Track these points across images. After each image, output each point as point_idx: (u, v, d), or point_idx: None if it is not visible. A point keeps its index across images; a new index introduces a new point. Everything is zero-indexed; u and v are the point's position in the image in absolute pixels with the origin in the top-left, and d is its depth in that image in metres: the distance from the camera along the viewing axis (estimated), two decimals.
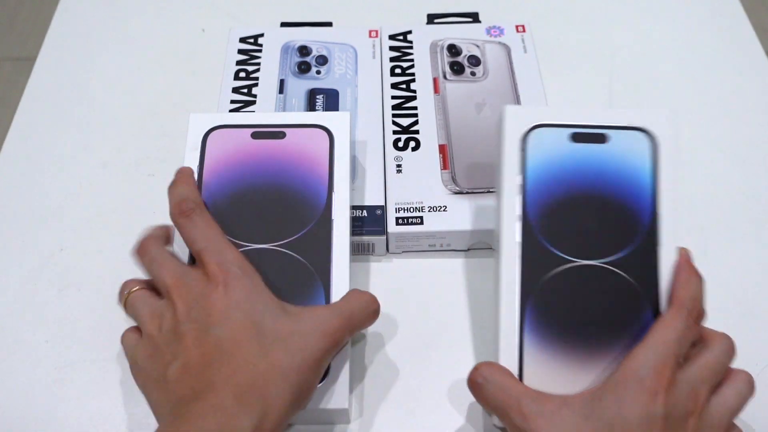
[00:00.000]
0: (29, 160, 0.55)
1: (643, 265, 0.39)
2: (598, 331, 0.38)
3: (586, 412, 0.35)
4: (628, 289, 0.39)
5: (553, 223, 0.40)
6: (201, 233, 0.39)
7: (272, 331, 0.36)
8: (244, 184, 0.44)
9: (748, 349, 0.45)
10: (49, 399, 0.43)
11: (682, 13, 0.66)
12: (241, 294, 0.37)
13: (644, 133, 0.41)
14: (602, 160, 0.40)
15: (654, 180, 0.40)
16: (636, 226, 0.39)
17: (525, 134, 0.41)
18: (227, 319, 0.36)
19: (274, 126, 0.46)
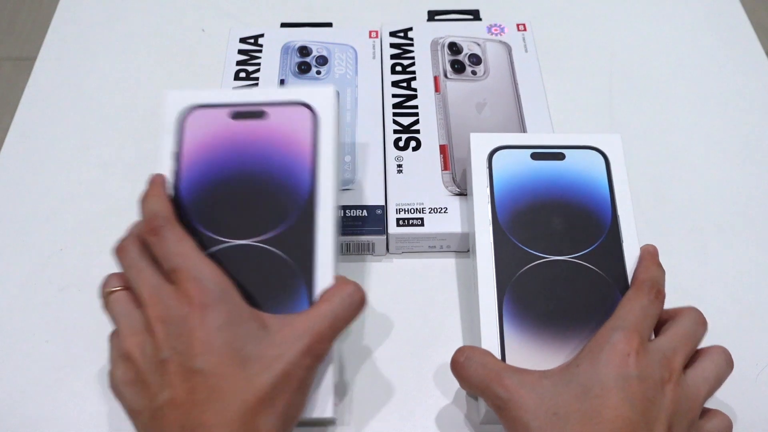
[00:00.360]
0: (29, 160, 0.55)
1: (609, 258, 0.43)
2: (572, 317, 0.41)
3: (565, 379, 0.36)
4: (597, 279, 0.42)
5: (522, 225, 0.44)
6: (173, 249, 0.37)
7: (257, 359, 0.35)
8: (223, 171, 0.41)
9: (748, 349, 0.45)
10: (49, 399, 0.43)
11: (682, 13, 0.66)
12: (221, 318, 0.35)
13: (596, 150, 0.47)
14: (562, 174, 0.46)
15: (610, 188, 0.46)
16: (599, 227, 0.44)
17: (490, 154, 0.46)
18: (210, 351, 0.34)
19: (255, 104, 0.43)
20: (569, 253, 0.43)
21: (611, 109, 0.58)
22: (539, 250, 0.43)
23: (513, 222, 0.44)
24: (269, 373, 0.34)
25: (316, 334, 0.36)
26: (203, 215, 0.41)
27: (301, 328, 0.36)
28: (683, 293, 0.48)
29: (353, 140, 0.53)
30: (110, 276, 0.40)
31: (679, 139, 0.57)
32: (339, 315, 0.37)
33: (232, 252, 0.40)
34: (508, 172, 0.46)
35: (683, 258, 0.50)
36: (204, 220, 0.40)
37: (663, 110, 0.58)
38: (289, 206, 0.41)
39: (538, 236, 0.44)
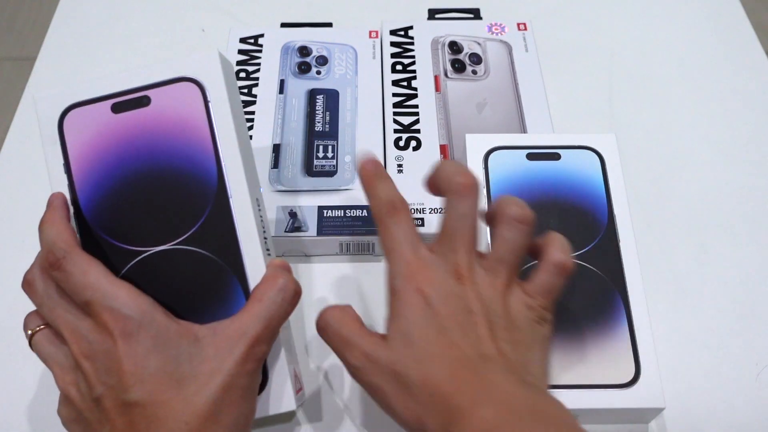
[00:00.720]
0: (29, 160, 0.55)
1: (606, 257, 0.44)
2: (569, 315, 0.42)
3: (397, 336, 0.34)
4: (594, 278, 0.43)
5: None
6: (80, 282, 0.34)
7: (192, 376, 0.33)
8: (120, 174, 0.37)
9: (748, 349, 0.45)
10: (49, 399, 0.43)
11: (682, 13, 0.66)
12: (147, 343, 0.33)
13: (592, 150, 0.47)
14: (558, 174, 0.47)
15: (606, 187, 0.46)
16: (595, 226, 0.45)
17: (486, 155, 0.47)
18: (141, 381, 0.33)
19: (136, 90, 0.38)
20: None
21: (611, 109, 0.58)
22: None
23: None
24: (208, 389, 0.33)
25: (252, 339, 0.34)
26: (112, 227, 0.37)
27: (235, 335, 0.34)
28: (683, 293, 0.48)
29: (353, 140, 0.53)
30: (28, 316, 0.38)
31: (679, 139, 0.57)
32: (273, 314, 0.35)
33: (152, 260, 0.37)
34: (504, 172, 0.47)
35: (683, 258, 0.50)
36: (114, 232, 0.37)
37: (663, 110, 0.58)
38: (199, 199, 0.37)
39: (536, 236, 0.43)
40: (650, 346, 0.41)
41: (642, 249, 0.50)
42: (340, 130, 0.53)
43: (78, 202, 0.37)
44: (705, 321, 0.47)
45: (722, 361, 0.45)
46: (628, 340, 0.41)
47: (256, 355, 0.35)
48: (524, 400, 0.32)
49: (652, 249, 0.50)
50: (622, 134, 0.56)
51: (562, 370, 0.41)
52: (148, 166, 0.37)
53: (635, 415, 0.41)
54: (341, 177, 0.50)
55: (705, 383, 0.44)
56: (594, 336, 0.41)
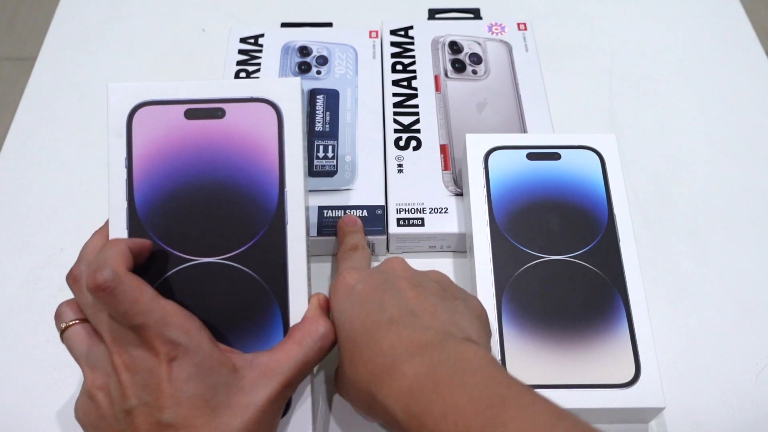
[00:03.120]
0: (29, 160, 0.55)
1: (606, 256, 0.44)
2: (570, 315, 0.42)
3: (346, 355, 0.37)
4: (595, 277, 0.43)
5: (519, 226, 0.44)
6: (130, 309, 0.33)
7: (227, 408, 0.34)
8: (182, 179, 0.37)
9: (748, 349, 0.45)
10: (49, 399, 0.43)
11: (682, 13, 0.66)
12: (189, 370, 0.33)
13: (592, 150, 0.47)
14: (557, 174, 0.46)
15: (606, 187, 0.46)
16: (595, 225, 0.45)
17: (486, 155, 0.47)
18: (178, 403, 0.33)
19: (212, 101, 0.38)
20: (566, 252, 0.44)
21: (611, 109, 0.58)
22: (536, 249, 0.44)
23: (510, 222, 0.45)
24: (240, 420, 0.33)
25: (285, 380, 0.35)
26: (163, 230, 0.37)
27: (270, 373, 0.35)
28: (683, 293, 0.48)
29: (353, 140, 0.53)
30: (63, 306, 0.37)
31: (679, 139, 0.57)
32: (309, 359, 0.36)
33: (197, 270, 0.37)
34: (504, 172, 0.46)
35: (683, 258, 0.50)
36: (164, 235, 0.37)
37: (663, 110, 0.58)
38: (256, 219, 0.37)
39: (536, 236, 0.44)
40: (650, 345, 0.41)
41: (642, 249, 0.50)
42: (340, 130, 0.53)
43: (133, 199, 0.37)
44: (705, 321, 0.47)
45: (722, 361, 0.45)
46: (628, 339, 0.41)
47: (286, 395, 0.36)
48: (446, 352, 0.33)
49: (652, 249, 0.50)
50: (622, 134, 0.56)
51: (563, 369, 0.41)
52: (211, 176, 0.37)
53: (635, 414, 0.41)
54: (341, 177, 0.50)
55: (705, 383, 0.44)
56: (594, 336, 0.41)
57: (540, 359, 0.41)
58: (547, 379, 0.41)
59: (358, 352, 0.35)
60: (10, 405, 0.43)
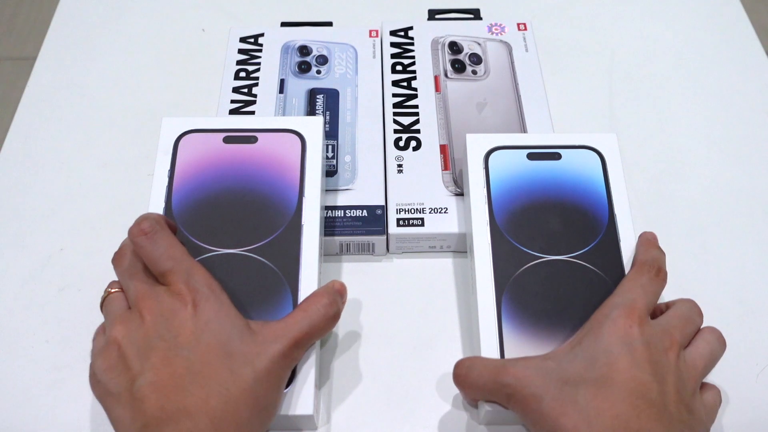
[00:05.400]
0: (29, 160, 0.55)
1: (606, 256, 0.43)
2: (570, 316, 0.41)
3: (569, 356, 0.37)
4: (595, 278, 0.43)
5: (519, 226, 0.44)
6: (164, 253, 0.38)
7: (240, 354, 0.36)
8: (215, 188, 0.45)
9: (748, 349, 0.45)
10: (49, 399, 0.43)
11: (682, 12, 0.66)
12: (210, 315, 0.37)
13: (592, 150, 0.47)
14: (558, 174, 0.46)
15: (607, 186, 0.46)
16: (596, 225, 0.45)
17: (486, 155, 0.47)
18: (197, 342, 0.36)
19: (247, 130, 0.47)
20: (567, 252, 0.43)
21: (611, 109, 0.58)
22: (537, 250, 0.44)
23: (510, 222, 0.44)
24: (252, 367, 0.36)
25: (293, 339, 0.37)
26: (193, 225, 0.43)
27: (280, 332, 0.38)
28: (683, 293, 0.48)
29: (353, 140, 0.53)
30: (111, 282, 0.41)
31: (679, 139, 0.57)
32: (314, 324, 0.39)
33: (220, 260, 0.42)
34: (504, 172, 0.46)
35: (683, 258, 0.50)
36: (194, 231, 0.43)
37: (663, 110, 0.58)
38: (276, 220, 0.43)
39: (536, 236, 0.44)
40: None
41: None
42: (340, 130, 0.53)
43: (171, 201, 0.44)
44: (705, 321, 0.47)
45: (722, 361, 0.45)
46: None
47: (293, 354, 0.38)
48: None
49: None
50: (622, 134, 0.56)
51: None
52: (239, 185, 0.45)
53: None
54: (341, 177, 0.50)
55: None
56: None
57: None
58: None
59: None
60: (10, 405, 0.43)
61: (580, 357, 0.37)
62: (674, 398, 0.35)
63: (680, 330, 0.39)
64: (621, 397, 0.35)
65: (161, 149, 0.46)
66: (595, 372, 0.36)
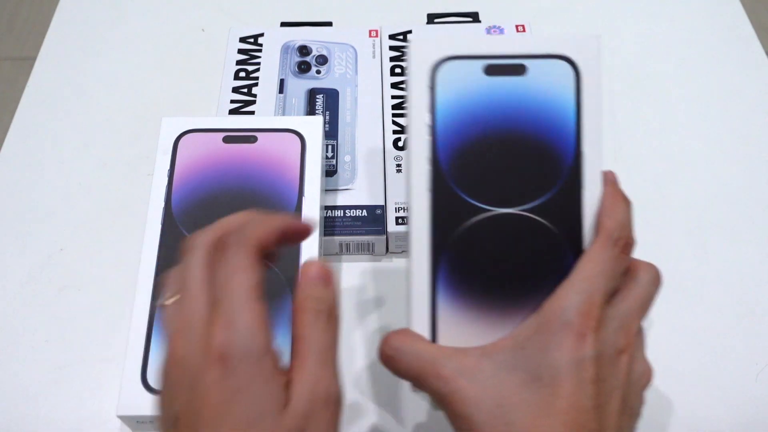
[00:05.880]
0: (29, 160, 0.55)
1: (565, 210, 0.35)
2: (519, 285, 0.35)
3: (509, 362, 0.32)
4: (550, 238, 0.35)
5: (466, 168, 0.35)
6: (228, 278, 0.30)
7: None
8: (214, 188, 0.45)
9: (748, 349, 0.45)
10: (49, 399, 0.43)
11: (682, 12, 0.66)
12: (242, 381, 0.28)
13: (566, 61, 0.36)
14: (520, 95, 0.36)
15: (578, 116, 0.36)
16: (558, 168, 0.35)
17: (433, 68, 0.36)
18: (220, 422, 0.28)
19: (246, 130, 0.47)
20: (519, 204, 0.35)
21: (611, 109, 0.58)
22: (482, 200, 0.35)
23: (454, 162, 0.35)
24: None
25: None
26: (193, 227, 0.43)
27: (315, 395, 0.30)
28: (683, 293, 0.48)
29: (353, 140, 0.53)
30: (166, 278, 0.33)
31: (679, 139, 0.57)
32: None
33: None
34: (454, 93, 0.36)
35: (683, 258, 0.50)
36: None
37: (663, 110, 0.58)
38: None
39: (483, 182, 0.35)
40: None
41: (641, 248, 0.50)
42: (339, 130, 0.53)
43: (170, 200, 0.45)
44: (705, 321, 0.47)
45: (722, 361, 0.45)
46: None
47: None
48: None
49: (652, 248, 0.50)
50: (622, 134, 0.56)
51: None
52: (239, 185, 0.45)
53: None
54: (341, 177, 0.50)
55: (705, 383, 0.44)
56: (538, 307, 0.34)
57: (479, 334, 0.34)
58: None
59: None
60: (10, 405, 0.43)
61: (521, 368, 0.31)
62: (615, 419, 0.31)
63: (638, 317, 0.34)
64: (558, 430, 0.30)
65: (161, 149, 0.46)
66: (536, 394, 0.31)
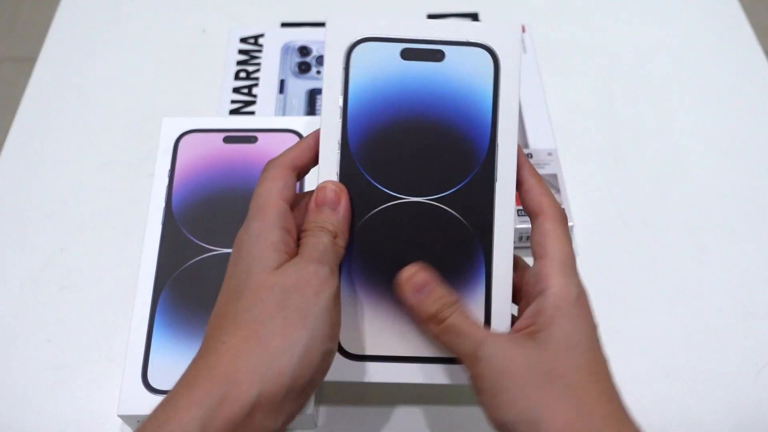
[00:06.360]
0: (30, 161, 0.55)
1: (476, 201, 0.35)
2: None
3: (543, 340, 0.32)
4: (459, 229, 0.35)
5: (377, 153, 0.35)
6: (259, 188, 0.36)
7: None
8: (215, 188, 0.45)
9: (748, 349, 0.45)
10: (49, 399, 0.43)
11: (682, 13, 0.66)
12: (254, 229, 0.34)
13: (485, 49, 0.36)
14: (436, 81, 0.35)
15: (494, 106, 0.35)
16: (471, 159, 0.35)
17: (349, 49, 0.36)
18: (240, 259, 0.33)
19: (247, 130, 0.47)
20: (428, 193, 0.35)
21: (611, 109, 0.58)
22: (392, 187, 0.35)
23: (365, 147, 0.35)
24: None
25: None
26: (194, 226, 0.44)
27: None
28: (683, 293, 0.48)
29: None
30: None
31: (678, 139, 0.57)
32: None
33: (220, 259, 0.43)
34: (369, 75, 0.36)
35: (683, 258, 0.50)
36: (194, 230, 0.43)
37: (663, 110, 0.59)
38: None
39: (393, 168, 0.35)
40: (506, 315, 0.35)
41: (641, 248, 0.50)
42: None
43: (171, 200, 0.45)
44: (704, 320, 0.47)
45: (722, 361, 0.45)
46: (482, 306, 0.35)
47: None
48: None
49: (652, 248, 0.50)
50: (622, 134, 0.56)
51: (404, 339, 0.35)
52: (239, 185, 0.45)
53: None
54: None
55: (705, 383, 0.44)
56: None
57: (380, 326, 0.35)
58: (387, 350, 0.35)
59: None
60: (10, 405, 0.43)
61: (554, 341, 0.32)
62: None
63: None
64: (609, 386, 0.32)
65: (161, 149, 0.46)
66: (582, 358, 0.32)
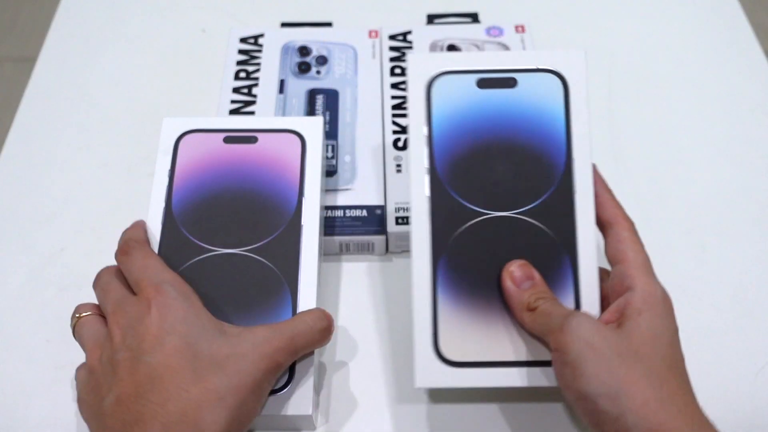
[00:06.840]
0: (30, 161, 0.55)
1: (558, 213, 0.38)
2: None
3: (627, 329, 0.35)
4: (545, 239, 0.38)
5: (463, 174, 0.38)
6: (138, 264, 0.39)
7: (207, 355, 0.35)
8: (215, 188, 0.44)
9: (747, 349, 0.46)
10: (49, 399, 0.43)
11: (682, 13, 0.66)
12: (176, 315, 0.36)
13: (554, 74, 0.39)
14: (511, 106, 0.39)
15: (567, 124, 0.38)
16: (550, 174, 0.38)
17: (429, 82, 0.39)
18: (160, 345, 0.34)
19: (247, 130, 0.46)
20: (514, 207, 0.38)
21: (611, 109, 0.58)
22: (480, 204, 0.38)
23: (451, 170, 0.38)
24: (220, 370, 0.35)
25: (275, 342, 0.36)
26: (194, 226, 0.43)
27: (262, 334, 0.37)
28: (683, 293, 0.48)
29: (353, 140, 0.53)
30: (79, 305, 0.40)
31: (678, 139, 0.57)
32: (299, 335, 0.38)
33: (220, 260, 0.42)
34: (449, 105, 0.39)
35: (683, 258, 0.50)
36: (194, 230, 0.43)
37: (663, 110, 0.59)
38: (276, 219, 0.43)
39: (479, 187, 0.38)
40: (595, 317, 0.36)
41: None
42: (339, 130, 0.53)
43: (171, 200, 0.44)
44: (704, 320, 0.47)
45: (722, 361, 0.45)
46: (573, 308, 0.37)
47: (275, 359, 0.36)
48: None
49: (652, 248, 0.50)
50: (622, 134, 0.56)
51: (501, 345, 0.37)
52: (239, 185, 0.44)
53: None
54: (341, 177, 0.51)
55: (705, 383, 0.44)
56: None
57: (478, 334, 0.37)
58: (485, 356, 0.37)
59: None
60: (10, 405, 0.43)
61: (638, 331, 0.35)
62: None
63: None
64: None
65: (161, 149, 0.46)
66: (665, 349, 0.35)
